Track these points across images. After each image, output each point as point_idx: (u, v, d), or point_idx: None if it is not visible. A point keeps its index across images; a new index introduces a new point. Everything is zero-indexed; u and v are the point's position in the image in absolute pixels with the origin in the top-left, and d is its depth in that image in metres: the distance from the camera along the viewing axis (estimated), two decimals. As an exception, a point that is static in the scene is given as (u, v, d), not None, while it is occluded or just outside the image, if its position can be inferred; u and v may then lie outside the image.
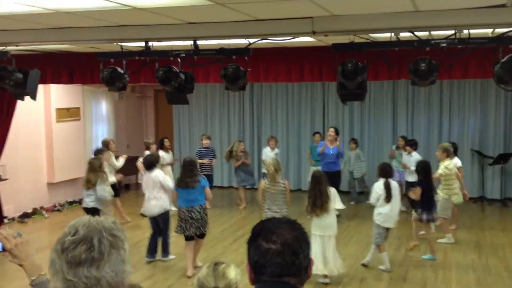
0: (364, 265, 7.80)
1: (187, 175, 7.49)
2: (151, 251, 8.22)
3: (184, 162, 7.67)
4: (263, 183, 7.56)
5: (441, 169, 8.71)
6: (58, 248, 1.71)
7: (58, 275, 1.68)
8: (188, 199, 7.47)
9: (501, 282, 7.22)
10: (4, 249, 2.34)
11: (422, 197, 7.99)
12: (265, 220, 1.97)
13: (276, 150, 11.96)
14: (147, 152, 10.91)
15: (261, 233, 1.87)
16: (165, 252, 8.26)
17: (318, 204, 6.97)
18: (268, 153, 11.81)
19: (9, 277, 7.08)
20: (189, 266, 7.52)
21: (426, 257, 8.19)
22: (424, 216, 8.07)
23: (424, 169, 8.16)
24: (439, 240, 8.97)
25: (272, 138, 12.08)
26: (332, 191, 7.18)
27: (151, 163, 8.19)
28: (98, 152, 9.57)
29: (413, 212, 8.41)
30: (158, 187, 7.96)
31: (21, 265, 2.38)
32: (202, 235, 7.68)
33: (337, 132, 11.12)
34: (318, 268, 6.88)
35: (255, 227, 1.93)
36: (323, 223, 7.03)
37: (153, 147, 11.14)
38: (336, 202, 7.19)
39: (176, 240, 8.40)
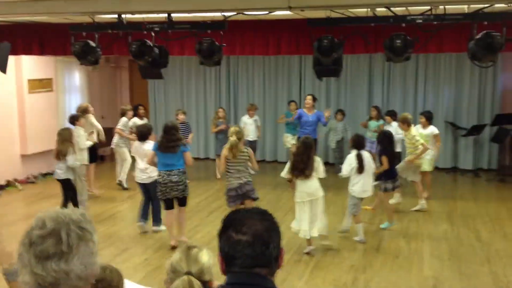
0: (343, 232, 7.91)
1: (170, 140, 7.31)
2: (144, 216, 8.21)
3: (166, 127, 7.44)
4: (225, 151, 7.21)
5: (420, 140, 8.91)
6: (25, 241, 1.68)
7: (26, 269, 1.66)
8: (166, 163, 7.34)
9: (473, 252, 7.39)
10: None
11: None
12: (235, 210, 1.98)
13: (255, 117, 11.99)
14: (124, 119, 10.85)
15: (231, 224, 1.87)
16: (157, 221, 8.21)
17: (304, 168, 7.04)
18: (246, 121, 11.86)
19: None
20: (172, 236, 7.47)
21: (383, 226, 8.33)
22: (390, 185, 8.21)
23: (386, 138, 8.30)
24: (413, 208, 9.14)
25: (251, 106, 12.06)
26: (318, 159, 7.28)
27: (145, 134, 8.15)
28: (73, 119, 9.45)
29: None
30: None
31: None
32: (183, 201, 7.53)
33: (314, 99, 11.14)
34: (305, 232, 7.13)
35: (226, 218, 1.93)
36: (310, 188, 7.11)
37: (130, 114, 11.01)
38: (319, 172, 7.22)
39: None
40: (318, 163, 7.24)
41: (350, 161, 7.73)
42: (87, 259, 1.70)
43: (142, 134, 8.16)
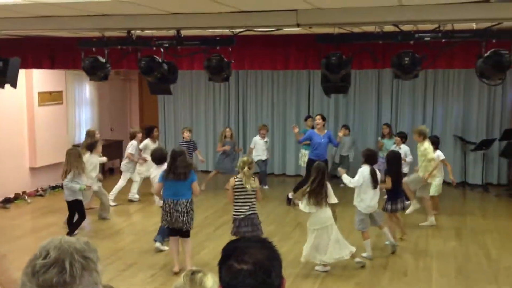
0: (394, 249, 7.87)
1: (178, 166, 7.02)
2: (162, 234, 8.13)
3: (174, 153, 7.14)
4: (233, 180, 7.01)
5: (431, 154, 8.92)
6: (28, 271, 1.68)
7: None
8: (175, 192, 7.06)
9: (481, 270, 7.33)
10: None
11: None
12: (235, 240, 1.96)
13: (266, 139, 12.03)
14: (133, 142, 10.84)
15: (232, 253, 1.84)
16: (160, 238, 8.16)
17: (322, 197, 6.98)
18: (258, 141, 11.89)
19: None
20: (175, 262, 7.20)
21: (388, 242, 8.25)
22: (389, 206, 8.16)
23: (393, 159, 8.25)
24: (421, 224, 9.07)
25: (263, 126, 12.09)
26: (329, 186, 7.17)
27: (162, 158, 7.99)
28: (91, 147, 9.44)
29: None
30: None
31: None
32: (186, 233, 7.21)
33: (323, 118, 11.01)
34: (318, 258, 7.09)
35: (226, 247, 1.90)
36: (323, 215, 7.04)
37: (139, 136, 10.99)
38: (331, 197, 7.14)
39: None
40: (329, 189, 7.15)
41: (363, 174, 7.68)
42: None
43: (160, 158, 8.00)
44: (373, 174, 7.64)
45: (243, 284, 1.77)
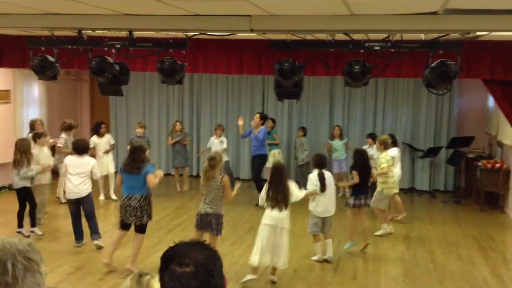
0: (327, 261, 7.78)
1: (134, 160, 7.03)
2: (79, 234, 8.18)
3: (132, 147, 7.29)
4: (201, 175, 7.10)
5: (383, 164, 8.92)
6: None
7: None
8: (130, 185, 7.05)
9: (428, 273, 7.51)
10: None
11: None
12: (173, 245, 1.93)
13: (222, 138, 12.07)
14: (63, 135, 10.51)
15: (173, 258, 1.83)
16: (96, 233, 8.10)
17: (281, 199, 6.76)
18: (213, 140, 12.02)
19: None
20: (109, 253, 7.19)
21: (346, 246, 8.32)
22: (351, 202, 8.29)
23: (358, 155, 8.42)
24: (376, 233, 9.17)
25: (219, 126, 12.20)
26: (292, 184, 6.99)
27: (84, 148, 8.02)
28: (36, 137, 9.23)
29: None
30: (88, 173, 7.92)
31: None
32: (141, 228, 7.14)
33: (261, 117, 11.15)
34: (261, 260, 6.77)
35: (165, 253, 1.89)
36: (278, 214, 6.77)
37: (72, 130, 10.67)
38: (294, 195, 6.92)
39: (111, 229, 8.30)
40: (293, 187, 6.94)
41: (313, 181, 7.72)
42: None
43: (81, 148, 7.98)
44: (321, 178, 7.66)
45: (188, 286, 1.77)
